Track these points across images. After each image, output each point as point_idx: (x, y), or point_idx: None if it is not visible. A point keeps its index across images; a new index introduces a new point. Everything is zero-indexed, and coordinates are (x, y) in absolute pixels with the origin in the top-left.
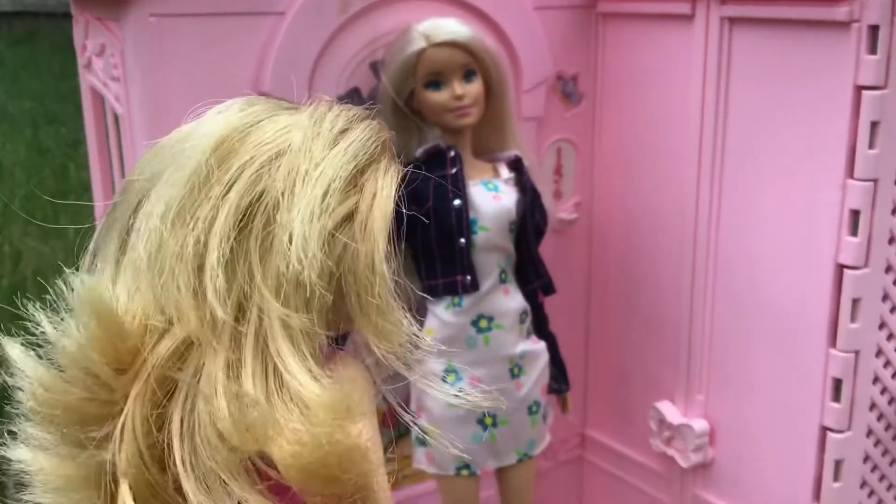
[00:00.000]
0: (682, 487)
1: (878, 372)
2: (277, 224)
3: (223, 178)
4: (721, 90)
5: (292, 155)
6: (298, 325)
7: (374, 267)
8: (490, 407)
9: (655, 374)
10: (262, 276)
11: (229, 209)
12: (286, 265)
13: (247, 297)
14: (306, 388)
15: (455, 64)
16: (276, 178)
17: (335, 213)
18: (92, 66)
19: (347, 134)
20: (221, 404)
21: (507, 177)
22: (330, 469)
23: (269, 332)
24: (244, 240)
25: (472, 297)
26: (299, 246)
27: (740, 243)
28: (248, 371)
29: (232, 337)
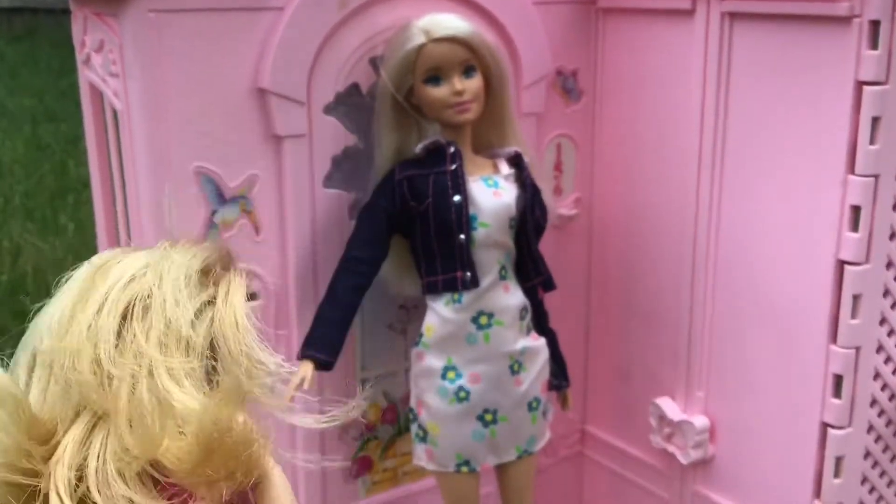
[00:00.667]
0: (682, 484)
1: (878, 368)
2: (152, 304)
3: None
4: (721, 86)
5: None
6: (181, 367)
7: (239, 324)
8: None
9: (655, 371)
10: (146, 340)
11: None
12: (166, 326)
13: (138, 365)
14: (185, 402)
15: (455, 59)
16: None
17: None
18: (91, 62)
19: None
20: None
21: (507, 173)
22: (220, 449)
23: (159, 380)
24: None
25: (472, 293)
26: (173, 306)
27: (740, 239)
28: (145, 412)
29: (131, 396)
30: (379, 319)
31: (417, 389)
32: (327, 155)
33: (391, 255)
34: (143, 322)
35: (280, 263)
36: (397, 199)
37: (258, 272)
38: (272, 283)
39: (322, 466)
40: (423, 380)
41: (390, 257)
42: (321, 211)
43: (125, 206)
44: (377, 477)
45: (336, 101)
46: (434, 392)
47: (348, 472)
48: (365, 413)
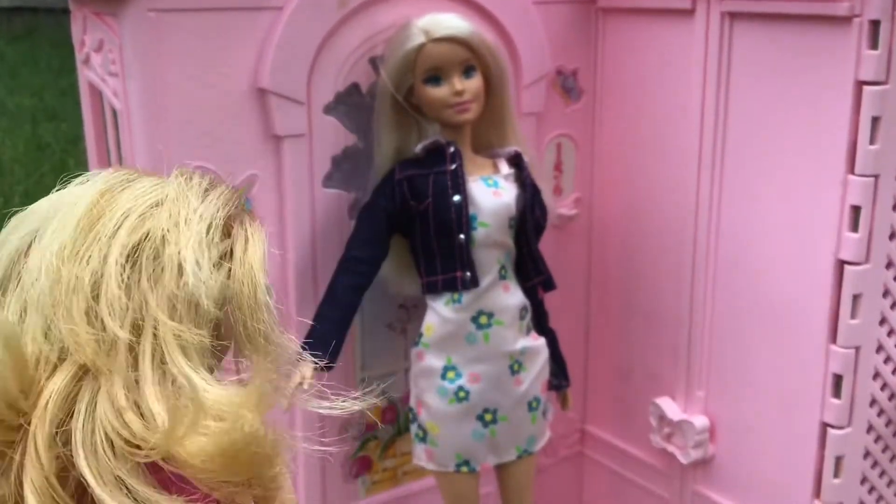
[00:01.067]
0: (681, 483)
1: (878, 368)
2: (165, 255)
3: (110, 222)
4: (721, 86)
5: (170, 203)
6: (191, 339)
7: (257, 297)
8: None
9: (655, 370)
10: (155, 300)
11: (120, 245)
12: (179, 286)
13: (142, 319)
14: (202, 391)
15: (455, 59)
16: (159, 220)
17: (216, 251)
18: (90, 61)
19: (213, 189)
20: (129, 416)
21: (507, 172)
22: (235, 457)
23: (165, 347)
24: (136, 271)
25: (471, 293)
26: (193, 267)
27: (740, 239)
28: (148, 384)
29: (129, 355)
30: (379, 319)
31: (417, 389)
32: (327, 155)
33: (391, 255)
34: (152, 273)
35: (279, 263)
36: (397, 199)
37: None
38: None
39: (320, 453)
40: (422, 379)
41: (390, 257)
42: (321, 211)
43: None
44: (377, 477)
45: (336, 100)
46: (434, 392)
47: (348, 472)
48: (364, 412)
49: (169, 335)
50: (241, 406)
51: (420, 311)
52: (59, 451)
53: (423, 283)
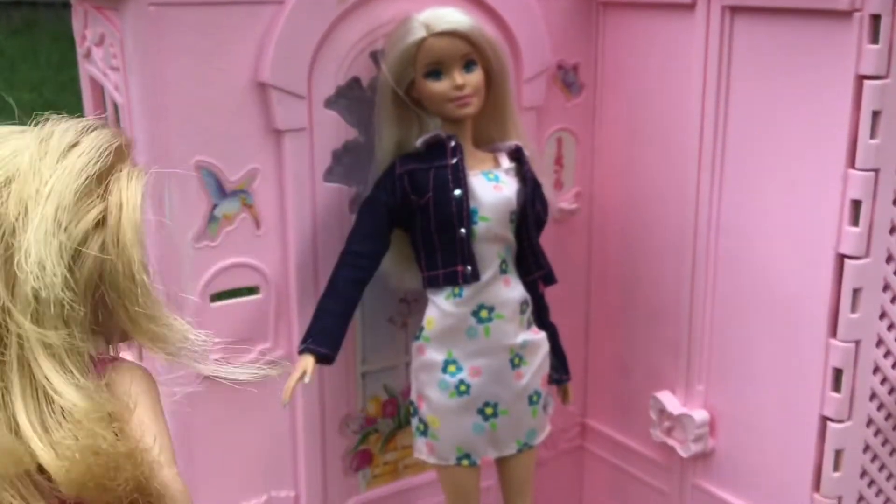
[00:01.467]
0: (681, 477)
1: (878, 362)
2: (16, 249)
3: None
4: (722, 80)
5: (21, 179)
6: (58, 341)
7: (134, 277)
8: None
9: (656, 364)
10: (14, 303)
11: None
12: (36, 275)
13: (5, 325)
14: (70, 401)
15: (455, 53)
16: (8, 204)
17: (76, 228)
18: (91, 55)
19: (77, 147)
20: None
21: (508, 167)
22: (98, 478)
23: (31, 354)
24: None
25: (472, 287)
26: (35, 265)
27: (741, 233)
28: (16, 394)
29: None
30: (379, 313)
31: (418, 383)
32: (328, 149)
33: (392, 249)
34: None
35: (281, 257)
36: (398, 194)
37: (259, 266)
38: (273, 277)
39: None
40: (423, 373)
41: (391, 251)
42: (322, 205)
43: None
44: (378, 470)
45: (336, 94)
46: (434, 385)
47: (349, 466)
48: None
49: (34, 342)
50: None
51: (421, 305)
52: None
53: (423, 277)
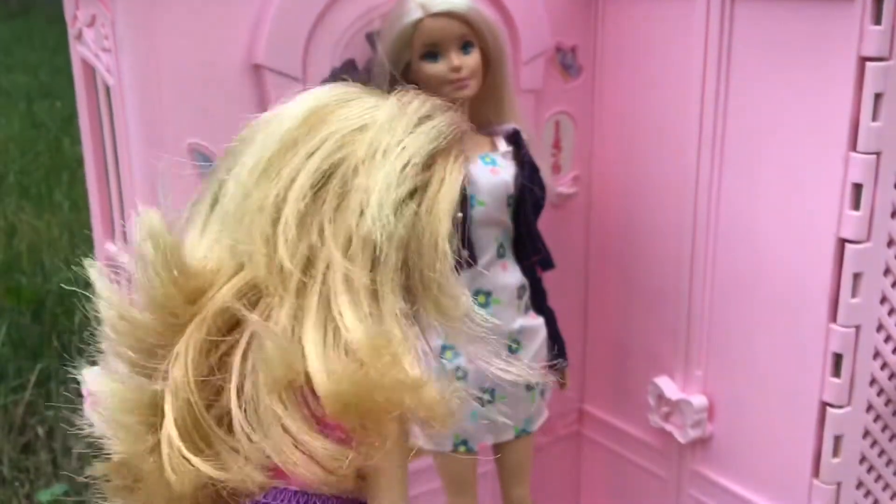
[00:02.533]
0: (679, 463)
1: (878, 347)
2: (353, 188)
3: (309, 144)
4: (722, 61)
5: (375, 129)
6: (361, 281)
7: (438, 245)
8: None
9: (654, 350)
10: (333, 233)
11: (311, 170)
12: (358, 224)
13: (315, 253)
14: (355, 338)
15: (452, 35)
16: (357, 147)
17: (407, 188)
18: (83, 37)
19: (430, 119)
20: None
21: (505, 150)
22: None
23: (333, 287)
24: (319, 198)
25: (469, 272)
26: (375, 208)
27: (740, 217)
28: (309, 322)
29: (298, 287)
30: None
31: None
32: None
33: None
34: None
35: None
36: None
37: None
38: None
39: None
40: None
41: None
42: None
43: (118, 184)
44: None
45: (332, 76)
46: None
47: None
48: None
49: (339, 275)
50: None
51: None
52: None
53: None
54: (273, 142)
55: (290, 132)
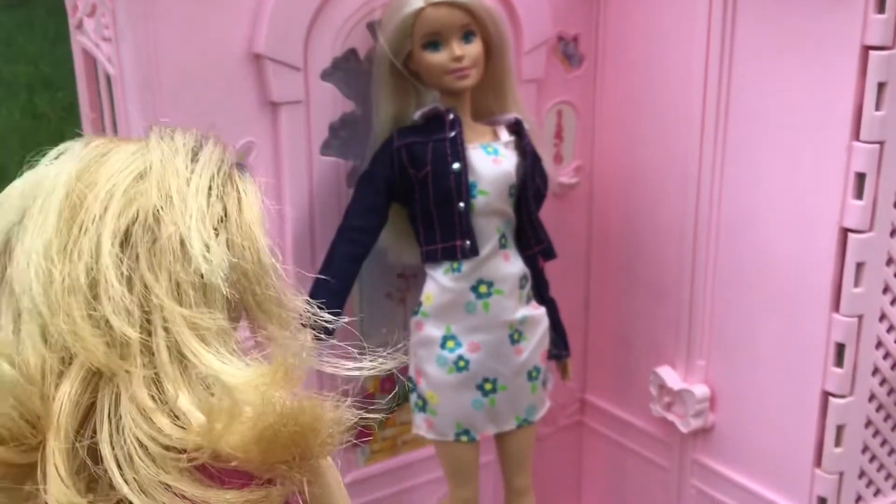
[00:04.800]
0: (681, 452)
1: (881, 336)
2: (163, 238)
3: (94, 206)
4: (725, 51)
5: (157, 174)
6: (207, 323)
7: (261, 261)
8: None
9: (656, 339)
10: (161, 288)
11: (111, 233)
12: (187, 270)
13: (150, 312)
14: (229, 375)
15: (454, 24)
16: (148, 196)
17: (216, 218)
18: (83, 26)
19: (202, 150)
20: (159, 419)
21: (507, 140)
22: (287, 427)
23: (180, 338)
24: (133, 259)
25: (471, 262)
26: (201, 249)
27: (743, 207)
28: (168, 380)
29: (143, 353)
30: (378, 288)
31: (416, 359)
32: (324, 122)
33: (390, 224)
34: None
35: (277, 232)
36: (396, 167)
37: None
38: None
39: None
40: (422, 349)
41: (389, 225)
42: (318, 179)
43: None
44: (376, 446)
45: (333, 66)
46: (433, 361)
47: None
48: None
49: (181, 324)
50: (269, 386)
51: (419, 281)
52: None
53: (422, 251)
54: (51, 218)
55: (66, 203)
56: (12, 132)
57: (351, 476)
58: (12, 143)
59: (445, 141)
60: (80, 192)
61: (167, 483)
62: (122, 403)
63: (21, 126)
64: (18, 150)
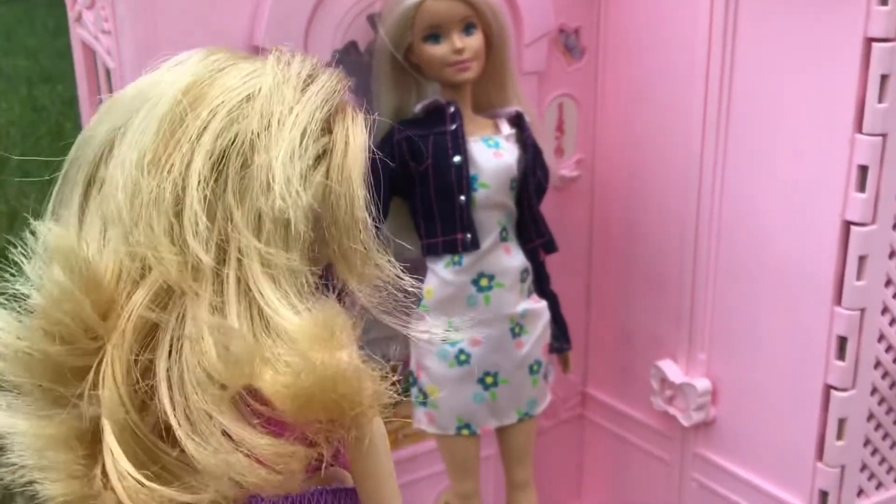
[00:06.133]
0: (683, 446)
1: (883, 330)
2: (254, 165)
3: (195, 123)
4: (727, 42)
5: (263, 98)
6: (279, 262)
7: (354, 213)
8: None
9: (657, 333)
10: (242, 216)
11: (205, 153)
12: (268, 204)
13: (227, 240)
14: (288, 321)
15: (454, 16)
16: (249, 120)
17: (311, 155)
18: (82, 19)
19: (315, 80)
20: (208, 344)
21: (508, 133)
22: (325, 392)
23: (250, 272)
24: (221, 182)
25: (472, 255)
26: (283, 184)
27: (745, 199)
28: (232, 312)
29: (214, 280)
30: None
31: (417, 352)
32: None
33: (390, 217)
34: (239, 185)
35: None
36: (396, 160)
37: None
38: None
39: None
40: (422, 343)
41: (389, 219)
42: None
43: None
44: None
45: (333, 59)
46: (434, 355)
47: None
48: None
49: (254, 258)
50: (316, 340)
51: (420, 274)
52: (138, 382)
53: (422, 245)
54: (152, 127)
55: (170, 114)
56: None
57: None
58: (13, 135)
59: (446, 134)
60: (184, 108)
61: (210, 413)
62: (186, 325)
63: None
64: (19, 142)
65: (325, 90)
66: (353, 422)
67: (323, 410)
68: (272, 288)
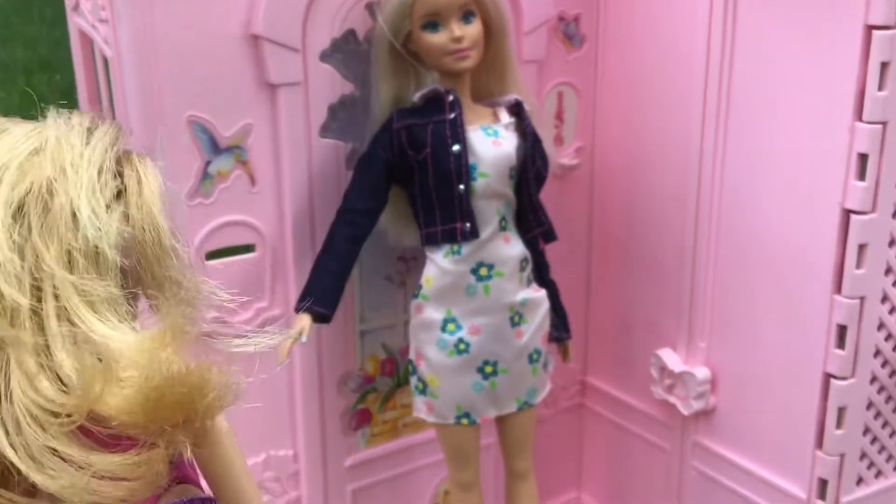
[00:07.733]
0: (682, 434)
1: (883, 318)
2: (56, 207)
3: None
4: (727, 30)
5: (52, 148)
6: (97, 290)
7: (162, 242)
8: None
9: (657, 322)
10: (52, 256)
11: (3, 204)
12: (77, 239)
13: (39, 280)
14: (120, 341)
15: (453, 4)
16: (43, 169)
17: (111, 189)
18: (80, 7)
19: (97, 129)
20: (41, 383)
21: (508, 122)
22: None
23: (69, 304)
24: (25, 228)
25: (471, 244)
26: (89, 215)
27: (744, 188)
28: (58, 346)
29: (33, 321)
30: (378, 271)
31: (417, 342)
32: (323, 103)
33: (390, 206)
34: (43, 227)
35: (276, 215)
36: (395, 149)
37: (254, 223)
38: (268, 234)
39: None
40: (422, 332)
41: (389, 208)
42: (317, 161)
43: None
44: (377, 429)
45: (332, 47)
46: (433, 344)
47: (348, 425)
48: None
49: (70, 291)
50: (154, 349)
51: (419, 263)
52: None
53: (422, 234)
54: None
55: None
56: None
57: (351, 459)
58: None
59: (445, 122)
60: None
61: (54, 448)
62: (12, 370)
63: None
64: None
65: (108, 135)
66: (205, 414)
67: (175, 406)
68: (95, 315)
